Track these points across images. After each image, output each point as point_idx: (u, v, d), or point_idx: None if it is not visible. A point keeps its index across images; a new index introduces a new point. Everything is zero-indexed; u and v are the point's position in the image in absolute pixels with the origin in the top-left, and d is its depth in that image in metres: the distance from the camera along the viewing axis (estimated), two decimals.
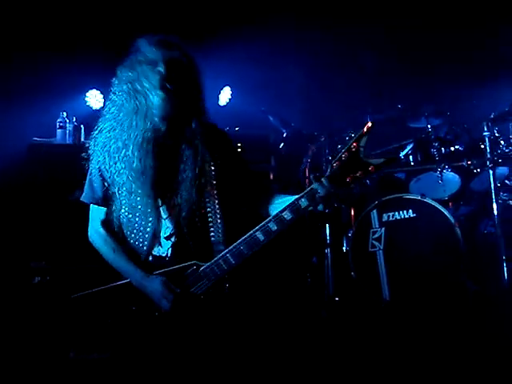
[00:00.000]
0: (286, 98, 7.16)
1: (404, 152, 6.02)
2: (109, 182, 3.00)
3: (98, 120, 3.03)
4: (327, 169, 2.69)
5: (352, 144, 2.59)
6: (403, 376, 3.91)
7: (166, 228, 2.98)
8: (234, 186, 3.10)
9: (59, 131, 5.25)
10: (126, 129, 2.90)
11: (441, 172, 5.71)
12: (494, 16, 6.60)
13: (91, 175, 3.05)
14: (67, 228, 4.62)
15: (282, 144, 6.28)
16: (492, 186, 5.37)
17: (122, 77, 2.90)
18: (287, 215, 2.72)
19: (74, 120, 5.36)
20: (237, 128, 5.90)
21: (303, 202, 2.70)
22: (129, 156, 2.90)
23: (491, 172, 5.40)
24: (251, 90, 6.93)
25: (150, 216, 2.94)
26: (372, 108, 6.17)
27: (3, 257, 4.98)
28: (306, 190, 2.69)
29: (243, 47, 6.62)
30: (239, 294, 3.05)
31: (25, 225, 4.84)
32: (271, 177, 5.89)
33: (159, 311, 2.93)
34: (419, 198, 5.37)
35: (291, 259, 5.69)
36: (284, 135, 6.36)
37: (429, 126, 5.88)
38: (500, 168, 5.67)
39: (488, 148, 5.44)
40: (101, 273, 3.10)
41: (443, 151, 5.75)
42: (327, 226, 5.71)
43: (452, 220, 5.24)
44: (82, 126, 5.35)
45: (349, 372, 4.01)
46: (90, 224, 3.14)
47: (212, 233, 2.97)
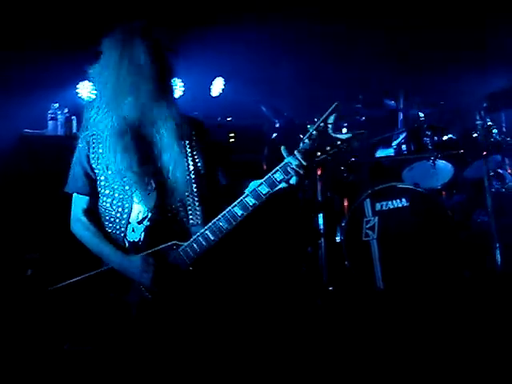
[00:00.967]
0: (279, 89, 7.16)
1: (397, 141, 6.04)
2: (92, 170, 3.04)
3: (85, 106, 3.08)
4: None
5: (321, 122, 2.73)
6: (398, 364, 3.93)
7: (139, 213, 3.00)
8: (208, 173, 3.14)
9: (50, 122, 5.24)
10: (104, 117, 2.97)
11: (434, 161, 5.72)
12: (484, 3, 6.63)
13: (73, 165, 3.11)
14: (60, 219, 4.61)
15: (275, 134, 6.28)
16: (485, 175, 5.40)
17: (105, 61, 2.94)
18: (263, 189, 2.82)
19: (66, 111, 5.34)
20: (229, 118, 5.90)
21: (278, 176, 2.79)
22: (106, 145, 2.97)
23: (484, 160, 5.43)
24: (244, 81, 6.92)
25: (127, 202, 2.99)
26: (362, 98, 6.18)
27: None
28: (280, 165, 2.79)
29: (236, 38, 6.60)
30: (221, 275, 3.09)
31: (17, 217, 4.82)
32: (264, 166, 5.89)
33: (139, 295, 2.94)
34: (412, 187, 5.40)
35: (285, 249, 5.70)
36: (277, 125, 6.37)
37: (421, 115, 5.90)
38: (493, 156, 5.70)
39: (480, 136, 5.47)
40: (93, 263, 3.11)
41: (436, 140, 5.77)
42: (320, 216, 5.71)
43: (445, 208, 5.27)
44: (74, 117, 5.33)
45: (343, 360, 4.03)
46: (72, 213, 3.15)
47: (190, 216, 3.01)
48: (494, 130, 5.58)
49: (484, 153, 5.42)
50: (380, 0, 6.78)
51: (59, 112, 5.30)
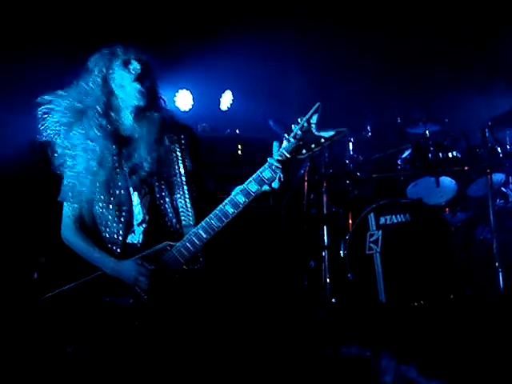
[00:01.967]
0: (287, 103, 7.23)
1: (402, 157, 6.09)
2: (81, 179, 3.08)
3: (64, 116, 3.14)
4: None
5: (304, 122, 2.88)
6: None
7: (138, 214, 3.09)
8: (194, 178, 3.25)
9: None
10: (95, 124, 3.05)
11: (438, 177, 5.78)
12: (492, 26, 6.69)
13: (65, 175, 3.16)
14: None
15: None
16: (488, 193, 5.44)
17: (92, 71, 3.09)
18: (253, 186, 2.91)
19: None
20: (237, 131, 5.97)
21: (266, 173, 2.89)
22: (100, 151, 3.03)
23: (487, 178, 5.48)
24: (252, 94, 7.00)
25: (124, 205, 3.07)
26: (371, 113, 6.25)
27: (5, 253, 5.04)
28: (267, 163, 2.90)
29: (244, 52, 6.69)
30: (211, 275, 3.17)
31: (26, 221, 4.88)
32: None
33: (135, 298, 2.99)
34: (416, 202, 5.45)
35: (289, 262, 5.74)
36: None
37: (427, 132, 5.96)
38: (496, 175, 5.75)
39: (485, 154, 5.52)
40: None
41: (441, 157, 5.83)
42: (325, 229, 5.77)
43: (448, 224, 5.31)
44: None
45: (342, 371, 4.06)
46: (63, 221, 3.21)
47: (183, 217, 3.11)
48: (498, 149, 5.64)
49: (488, 171, 5.48)
50: (391, 18, 6.86)
51: None
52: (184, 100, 6.88)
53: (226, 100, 7.18)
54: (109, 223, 3.08)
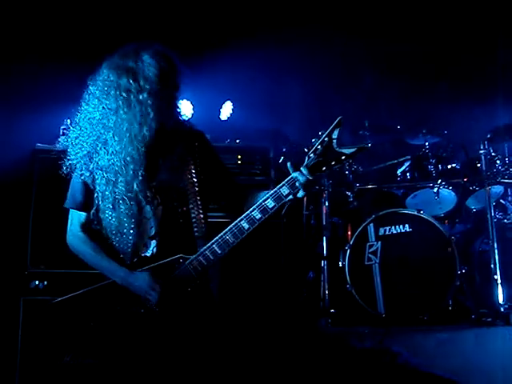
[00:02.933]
0: (287, 113, 7.25)
1: (401, 169, 6.10)
2: (91, 186, 3.07)
3: (76, 123, 3.15)
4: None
5: (325, 137, 2.83)
6: None
7: (151, 228, 3.05)
8: (211, 185, 3.21)
9: (63, 138, 5.30)
10: (112, 133, 2.99)
11: (437, 189, 5.79)
12: (493, 37, 6.71)
13: (73, 181, 3.13)
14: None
15: (282, 158, 6.36)
16: (487, 204, 5.44)
17: (104, 83, 3.01)
18: (270, 203, 2.87)
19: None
20: (237, 141, 5.97)
21: (284, 190, 2.87)
22: (113, 160, 2.99)
23: (487, 190, 5.48)
24: (252, 105, 7.00)
25: (133, 217, 3.02)
26: (370, 125, 6.26)
27: (4, 261, 5.03)
28: (287, 179, 2.87)
29: (244, 63, 6.70)
30: (227, 294, 3.15)
31: (26, 229, 4.88)
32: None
33: (145, 308, 2.97)
34: (416, 213, 5.45)
35: (288, 273, 5.73)
36: (283, 150, 6.45)
37: (426, 144, 5.97)
38: (495, 187, 5.75)
39: (484, 167, 5.52)
40: (99, 277, 3.14)
41: (440, 168, 5.84)
42: (324, 239, 5.77)
43: (447, 236, 5.31)
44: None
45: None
46: (69, 228, 3.18)
47: (195, 228, 3.08)
48: (498, 161, 5.64)
49: (487, 183, 5.49)
50: (388, 28, 6.88)
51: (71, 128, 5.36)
52: (184, 110, 6.88)
53: (226, 110, 7.18)
54: (118, 234, 3.04)
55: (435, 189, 5.79)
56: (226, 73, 6.75)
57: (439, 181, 5.77)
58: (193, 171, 3.12)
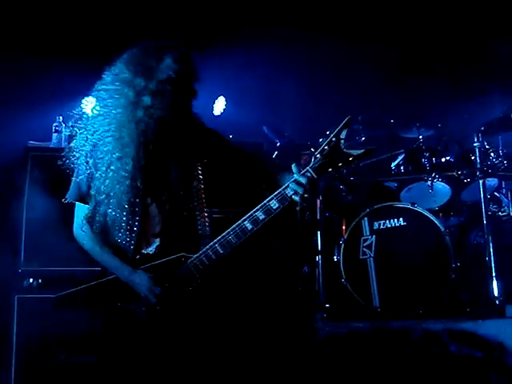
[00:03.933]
0: (280, 108, 7.24)
1: (395, 162, 6.09)
2: (95, 180, 3.04)
3: (85, 118, 3.12)
4: None
5: (333, 137, 2.78)
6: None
7: (156, 226, 3.04)
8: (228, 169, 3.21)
9: (55, 135, 5.28)
10: (120, 128, 2.94)
11: (431, 182, 5.78)
12: (488, 33, 6.72)
13: (77, 173, 3.09)
14: (61, 230, 4.66)
15: (276, 153, 6.36)
16: (482, 197, 5.44)
17: (120, 78, 2.94)
18: (274, 204, 2.86)
19: (70, 125, 5.39)
20: (230, 136, 5.95)
21: (289, 191, 2.84)
22: (119, 155, 2.96)
23: (481, 183, 5.47)
24: (245, 100, 7.00)
25: (137, 215, 3.00)
26: (364, 118, 6.25)
27: None
28: (291, 180, 2.84)
29: (237, 58, 6.70)
30: (227, 291, 3.13)
31: (20, 227, 4.86)
32: (264, 185, 5.94)
33: (146, 306, 2.96)
34: (410, 207, 5.44)
35: (283, 268, 5.73)
36: (278, 145, 6.44)
37: (420, 137, 5.96)
38: (490, 179, 5.75)
39: (478, 159, 5.52)
40: (95, 274, 3.13)
41: (434, 161, 5.83)
42: (318, 234, 5.76)
43: (442, 229, 5.31)
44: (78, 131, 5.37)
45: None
46: (75, 221, 3.17)
47: (199, 226, 3.06)
48: (492, 154, 5.64)
49: (481, 175, 5.48)
50: (381, 25, 6.88)
51: (64, 125, 5.35)
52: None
53: (220, 106, 7.17)
54: (122, 230, 3.02)
55: (429, 182, 5.77)
56: (220, 68, 6.74)
57: (433, 174, 5.75)
58: (199, 170, 3.10)
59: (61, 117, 5.40)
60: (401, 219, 5.40)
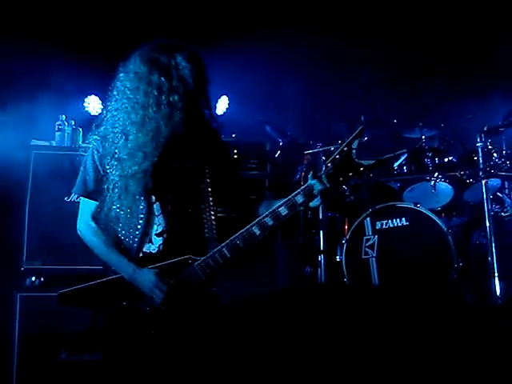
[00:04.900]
0: (283, 108, 7.24)
1: (398, 162, 6.09)
2: (102, 176, 3.02)
3: (100, 114, 3.07)
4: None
5: (344, 146, 2.74)
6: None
7: (158, 225, 3.02)
8: (225, 187, 3.18)
9: (58, 134, 5.29)
10: (136, 128, 2.93)
11: (434, 182, 5.78)
12: (491, 33, 6.71)
13: (85, 167, 3.08)
14: (64, 229, 4.67)
15: (279, 152, 6.36)
16: (484, 198, 5.43)
17: (135, 74, 2.93)
18: (283, 211, 2.82)
19: (73, 123, 5.40)
20: (233, 135, 5.96)
21: (299, 198, 2.81)
22: (131, 154, 2.93)
23: (483, 183, 5.47)
24: (248, 100, 7.00)
25: (141, 213, 2.98)
26: (366, 118, 6.24)
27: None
28: (303, 187, 2.81)
29: (241, 57, 6.70)
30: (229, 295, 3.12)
31: (22, 225, 4.86)
32: (266, 184, 5.95)
33: (151, 306, 2.95)
34: (413, 207, 5.44)
35: (285, 267, 5.73)
36: (280, 144, 6.45)
37: (423, 137, 5.96)
38: (492, 180, 5.73)
39: (481, 159, 5.52)
40: (97, 273, 3.12)
41: (437, 161, 5.82)
42: (321, 234, 5.76)
43: (445, 229, 5.30)
44: (81, 129, 5.39)
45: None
46: (80, 217, 3.14)
47: (206, 229, 3.04)
48: (495, 154, 5.63)
49: (484, 175, 5.48)
50: (383, 24, 6.88)
51: (66, 124, 5.35)
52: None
53: (222, 105, 7.17)
54: (125, 227, 3.00)
55: (432, 182, 5.77)
56: (222, 67, 6.74)
57: (436, 174, 5.75)
58: (207, 172, 3.08)
59: (63, 115, 5.41)
60: (403, 219, 5.40)
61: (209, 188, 3.07)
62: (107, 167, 3.00)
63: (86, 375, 4.24)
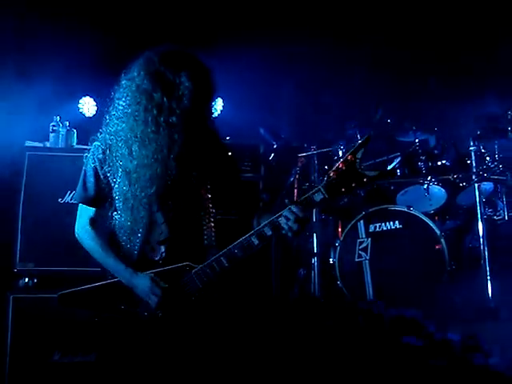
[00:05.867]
0: (277, 111, 7.25)
1: (392, 165, 6.11)
2: (103, 183, 3.01)
3: (104, 119, 3.03)
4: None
5: (349, 155, 2.67)
6: None
7: (161, 233, 3.00)
8: (226, 193, 3.15)
9: (52, 135, 5.28)
10: (138, 144, 2.89)
11: (427, 186, 5.80)
12: (482, 35, 6.74)
13: (86, 174, 3.05)
14: (58, 230, 4.66)
15: (273, 155, 6.37)
16: (477, 201, 5.46)
17: (138, 87, 2.87)
18: (282, 221, 2.77)
19: (67, 125, 5.40)
20: (227, 137, 5.96)
21: (297, 209, 2.76)
22: (134, 164, 2.91)
23: (476, 187, 5.50)
24: (242, 102, 7.01)
25: (142, 221, 2.96)
26: (360, 121, 6.26)
27: None
28: (301, 199, 2.78)
29: (235, 60, 6.70)
30: (227, 300, 3.11)
31: (16, 227, 4.85)
32: (260, 186, 5.96)
33: (149, 310, 2.94)
34: (406, 210, 5.47)
35: (279, 270, 5.73)
36: (274, 147, 6.46)
37: (416, 140, 5.98)
38: (485, 183, 5.77)
39: (474, 163, 5.55)
40: (91, 275, 3.12)
41: (430, 165, 5.85)
42: (314, 236, 5.78)
43: (438, 232, 5.33)
44: (75, 131, 5.38)
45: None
46: (78, 220, 3.12)
47: (205, 236, 3.02)
48: (487, 158, 5.66)
49: (476, 179, 5.51)
50: (378, 28, 6.90)
51: (61, 125, 5.35)
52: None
53: (217, 107, 7.18)
54: (126, 234, 2.99)
55: (425, 185, 5.80)
56: (217, 70, 6.74)
57: (429, 177, 5.78)
58: (208, 180, 3.05)
59: (58, 117, 5.40)
60: (396, 222, 5.43)
61: (209, 195, 3.05)
62: (108, 174, 2.99)
63: (79, 376, 4.24)
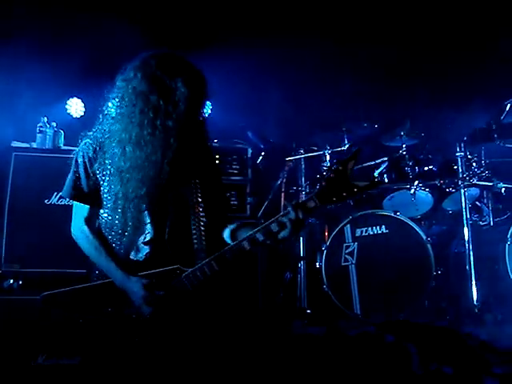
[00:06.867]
0: (265, 114, 7.26)
1: (378, 170, 6.13)
2: (92, 180, 3.00)
3: (97, 118, 3.03)
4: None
5: (340, 166, 2.73)
6: None
7: (147, 233, 3.00)
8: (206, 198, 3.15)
9: (39, 135, 5.27)
10: (132, 146, 2.90)
11: (414, 191, 5.82)
12: (470, 42, 6.78)
13: (77, 170, 3.04)
14: (43, 231, 4.65)
15: (260, 158, 6.38)
16: (463, 206, 5.49)
17: (134, 89, 2.88)
18: (274, 227, 2.78)
19: (55, 125, 5.38)
20: (215, 140, 5.96)
21: (292, 214, 2.76)
22: (126, 164, 2.92)
23: (462, 192, 5.53)
24: (230, 105, 7.01)
25: (130, 221, 2.95)
26: (347, 126, 6.27)
27: None
28: (296, 203, 2.77)
29: (222, 63, 6.70)
30: (217, 304, 3.10)
31: (1, 227, 4.82)
32: (248, 189, 5.97)
33: (137, 313, 2.93)
34: (392, 215, 5.49)
35: (265, 273, 5.74)
36: (262, 150, 6.47)
37: (403, 146, 6.00)
38: (471, 189, 5.80)
39: (460, 168, 5.58)
40: (78, 277, 3.11)
41: (417, 170, 5.87)
42: (301, 240, 5.79)
43: (424, 237, 5.35)
44: (62, 132, 5.37)
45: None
46: (73, 221, 3.11)
47: (195, 240, 3.02)
48: (474, 163, 5.69)
49: (463, 185, 5.54)
50: (366, 32, 6.92)
51: (48, 125, 5.33)
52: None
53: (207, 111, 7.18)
54: (112, 233, 3.00)
55: (412, 190, 5.81)
56: (205, 73, 6.74)
57: (416, 182, 5.80)
58: (198, 185, 3.06)
59: (45, 117, 5.39)
60: (383, 227, 5.45)
61: (199, 199, 3.05)
62: (97, 172, 2.99)
63: (64, 379, 4.21)
